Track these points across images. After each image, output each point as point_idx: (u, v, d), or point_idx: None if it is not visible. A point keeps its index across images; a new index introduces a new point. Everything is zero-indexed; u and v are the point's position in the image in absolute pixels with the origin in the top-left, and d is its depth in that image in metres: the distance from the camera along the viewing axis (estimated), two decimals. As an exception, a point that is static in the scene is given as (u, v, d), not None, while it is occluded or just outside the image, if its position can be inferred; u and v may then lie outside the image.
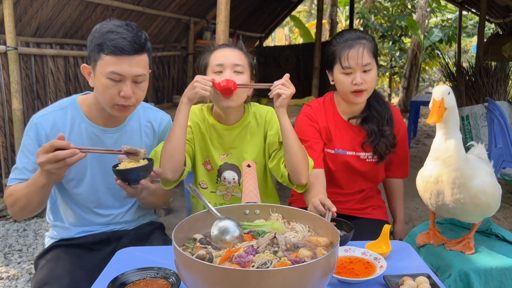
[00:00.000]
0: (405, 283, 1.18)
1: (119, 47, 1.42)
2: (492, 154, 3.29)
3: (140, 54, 1.47)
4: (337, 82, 1.86)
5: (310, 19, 16.13)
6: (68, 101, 1.63)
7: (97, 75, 1.48)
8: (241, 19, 7.39)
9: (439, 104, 1.40)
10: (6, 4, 3.36)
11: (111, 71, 1.44)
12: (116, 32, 1.44)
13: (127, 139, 1.67)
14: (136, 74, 1.48)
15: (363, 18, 9.48)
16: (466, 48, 13.87)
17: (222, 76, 1.63)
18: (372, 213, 2.03)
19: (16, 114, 3.59)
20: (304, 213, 1.26)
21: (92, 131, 1.61)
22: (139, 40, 1.46)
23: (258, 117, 1.80)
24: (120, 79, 1.46)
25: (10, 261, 2.96)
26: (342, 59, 1.79)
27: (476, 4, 6.85)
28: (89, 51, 1.50)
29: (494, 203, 1.49)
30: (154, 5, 5.10)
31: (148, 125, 1.73)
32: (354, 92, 1.80)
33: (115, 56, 1.43)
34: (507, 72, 4.85)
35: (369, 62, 1.78)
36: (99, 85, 1.48)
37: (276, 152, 1.75)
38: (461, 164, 1.42)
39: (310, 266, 0.93)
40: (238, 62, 1.67)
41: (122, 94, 1.47)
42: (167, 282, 1.20)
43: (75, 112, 1.61)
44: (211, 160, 1.79)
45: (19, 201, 1.49)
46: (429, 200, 1.54)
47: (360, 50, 1.77)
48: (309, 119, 1.94)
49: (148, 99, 5.43)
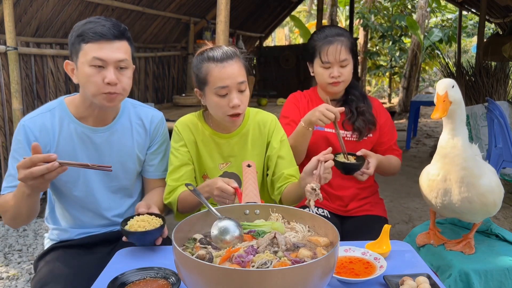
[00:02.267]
0: (405, 283, 1.18)
1: (98, 33, 1.44)
2: (492, 154, 3.29)
3: (120, 40, 1.48)
4: (316, 74, 2.02)
5: (310, 19, 16.14)
6: (56, 103, 1.62)
7: (80, 66, 1.47)
8: (241, 19, 7.38)
9: (443, 98, 1.38)
10: (6, 4, 3.36)
11: (93, 56, 1.44)
12: (94, 22, 1.47)
13: (117, 137, 1.65)
14: (118, 59, 1.47)
15: (363, 18, 9.49)
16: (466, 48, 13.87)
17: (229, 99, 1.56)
18: (371, 210, 2.05)
19: (16, 114, 3.59)
20: (304, 213, 1.26)
21: (81, 131, 1.59)
22: (119, 27, 1.49)
23: (261, 126, 1.78)
24: (103, 65, 1.45)
25: (10, 261, 2.96)
26: (322, 54, 1.95)
27: (476, 4, 6.85)
28: (70, 46, 1.51)
29: (499, 202, 1.49)
30: (154, 5, 5.10)
31: (139, 123, 1.71)
32: (331, 83, 1.96)
33: (96, 43, 1.44)
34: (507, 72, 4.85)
35: (346, 58, 1.94)
36: (83, 75, 1.47)
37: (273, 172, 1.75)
38: (469, 163, 1.41)
39: (310, 266, 0.93)
40: (241, 78, 1.58)
41: (106, 80, 1.45)
42: (167, 282, 1.20)
43: (63, 113, 1.59)
44: (208, 173, 1.76)
45: (9, 212, 1.48)
46: (434, 199, 1.52)
47: (338, 47, 1.92)
48: (294, 99, 2.13)
49: (148, 99, 5.43)
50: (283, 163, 1.74)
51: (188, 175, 1.70)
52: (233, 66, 1.56)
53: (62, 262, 1.54)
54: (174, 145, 1.71)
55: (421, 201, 4.12)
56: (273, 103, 5.44)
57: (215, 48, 1.60)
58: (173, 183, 1.66)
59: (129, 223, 1.42)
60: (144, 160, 1.74)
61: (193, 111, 1.82)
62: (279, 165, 1.74)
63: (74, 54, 1.49)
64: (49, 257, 1.60)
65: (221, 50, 1.58)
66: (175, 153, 1.70)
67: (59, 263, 1.54)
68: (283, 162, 1.74)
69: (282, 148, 1.76)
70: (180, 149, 1.70)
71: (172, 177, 1.68)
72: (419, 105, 6.96)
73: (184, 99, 4.81)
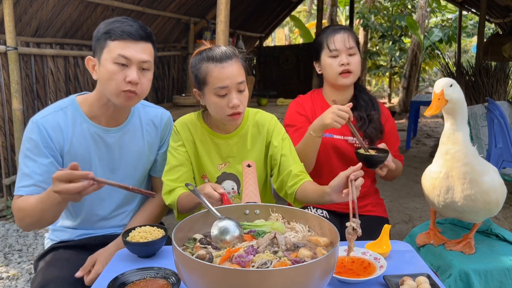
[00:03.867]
0: (405, 283, 1.18)
1: (126, 32, 1.46)
2: (492, 154, 3.29)
3: (146, 42, 1.50)
4: (324, 68, 1.98)
5: (310, 19, 16.14)
6: (67, 102, 1.61)
7: (103, 62, 1.48)
8: (241, 19, 7.39)
9: (438, 96, 1.40)
10: (6, 4, 3.36)
11: (118, 54, 1.45)
12: (122, 21, 1.49)
13: (129, 138, 1.66)
14: (142, 60, 1.49)
15: (363, 18, 9.49)
16: (466, 48, 13.88)
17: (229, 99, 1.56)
18: (372, 210, 2.04)
19: (16, 114, 3.59)
20: (304, 213, 1.26)
21: (94, 131, 1.59)
22: (145, 29, 1.51)
23: (260, 126, 1.77)
24: (126, 64, 1.46)
25: (10, 261, 2.96)
26: (329, 42, 1.94)
27: (476, 4, 6.85)
28: (95, 42, 1.51)
29: (502, 202, 1.49)
30: (154, 5, 5.10)
31: (149, 122, 1.72)
32: (341, 73, 1.92)
33: (122, 41, 1.46)
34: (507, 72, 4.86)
35: (354, 46, 1.93)
36: (105, 72, 1.47)
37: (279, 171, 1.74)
38: (471, 158, 1.41)
39: (310, 266, 0.93)
40: (241, 78, 1.58)
41: (128, 79, 1.46)
42: (167, 282, 1.20)
43: (75, 112, 1.58)
44: (207, 173, 1.75)
45: (30, 217, 1.44)
46: (437, 198, 1.51)
47: (346, 35, 1.94)
48: (298, 106, 2.06)
49: (148, 99, 5.42)
50: (288, 161, 1.72)
51: (186, 177, 1.69)
52: (232, 66, 1.56)
53: (62, 263, 1.54)
54: (172, 145, 1.71)
55: (421, 201, 4.12)
56: (273, 103, 5.44)
57: (214, 48, 1.60)
58: (171, 184, 1.65)
59: (130, 234, 1.41)
60: (155, 159, 1.75)
61: (193, 111, 1.81)
62: (283, 163, 1.73)
63: (99, 50, 1.49)
64: (49, 257, 1.59)
65: (220, 50, 1.57)
66: (173, 153, 1.69)
67: (59, 263, 1.54)
68: (287, 159, 1.73)
69: (284, 146, 1.75)
70: (178, 148, 1.69)
71: (169, 177, 1.66)
72: (419, 105, 6.96)
73: (184, 99, 4.80)
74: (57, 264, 1.53)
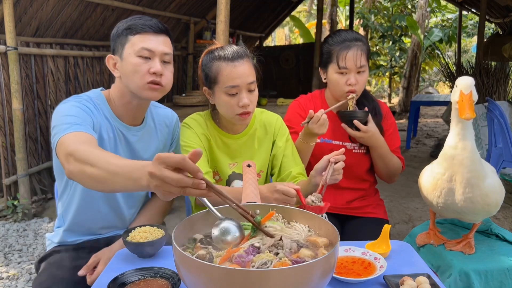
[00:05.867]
0: (405, 283, 1.17)
1: (147, 25, 1.50)
2: (492, 154, 3.29)
3: (165, 35, 1.53)
4: (331, 81, 1.92)
5: (310, 19, 16.15)
6: (93, 94, 1.57)
7: (126, 57, 1.49)
8: (241, 19, 7.39)
9: (468, 97, 1.33)
10: (6, 4, 3.36)
11: (141, 47, 1.47)
12: (140, 17, 1.53)
13: (147, 137, 1.67)
14: (164, 52, 1.51)
15: (363, 18, 9.49)
16: (466, 48, 13.88)
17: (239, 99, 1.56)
18: (372, 212, 2.03)
19: (16, 114, 3.59)
20: (304, 213, 1.26)
21: (118, 127, 1.59)
22: (163, 24, 1.55)
23: (267, 126, 1.77)
24: (149, 56, 1.49)
25: (10, 261, 2.96)
26: (340, 59, 1.85)
27: (476, 4, 6.85)
28: (115, 40, 1.53)
29: (501, 202, 1.49)
30: (154, 5, 5.10)
31: (161, 122, 1.73)
32: (347, 92, 1.87)
33: (144, 34, 1.49)
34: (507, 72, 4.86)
35: (364, 64, 1.86)
36: (129, 66, 1.48)
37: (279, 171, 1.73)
38: (477, 166, 1.40)
39: (310, 266, 0.93)
40: (251, 78, 1.58)
41: (152, 70, 1.48)
42: (167, 282, 1.20)
43: (103, 106, 1.57)
44: (219, 170, 1.73)
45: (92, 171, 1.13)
46: (436, 199, 1.51)
47: (358, 53, 1.84)
48: (298, 108, 2.02)
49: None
50: (289, 162, 1.73)
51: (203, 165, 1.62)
52: (244, 65, 1.57)
53: (63, 265, 1.53)
54: (185, 140, 1.67)
55: (421, 201, 4.11)
56: (273, 103, 5.44)
57: (225, 47, 1.61)
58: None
59: (130, 234, 1.41)
60: None
61: (193, 111, 1.82)
62: (285, 163, 1.73)
63: (120, 47, 1.51)
64: (51, 259, 1.59)
65: (232, 49, 1.58)
66: (186, 149, 1.65)
67: (60, 265, 1.53)
68: (289, 160, 1.73)
69: (288, 147, 1.76)
70: (192, 140, 1.66)
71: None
72: (419, 105, 6.96)
73: (184, 99, 4.81)
74: (59, 266, 1.53)
